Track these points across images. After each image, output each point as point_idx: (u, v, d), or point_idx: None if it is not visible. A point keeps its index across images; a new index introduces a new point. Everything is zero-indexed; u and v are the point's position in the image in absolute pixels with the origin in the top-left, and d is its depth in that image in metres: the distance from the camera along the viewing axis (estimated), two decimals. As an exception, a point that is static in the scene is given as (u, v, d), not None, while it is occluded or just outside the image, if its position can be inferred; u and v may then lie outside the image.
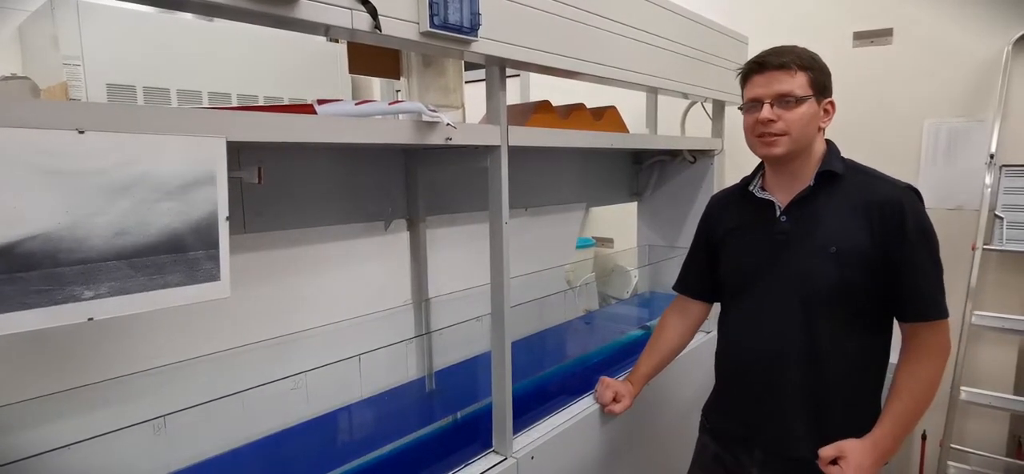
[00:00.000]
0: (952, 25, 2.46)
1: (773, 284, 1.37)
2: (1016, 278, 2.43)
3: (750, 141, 1.37)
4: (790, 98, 1.29)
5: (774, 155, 1.32)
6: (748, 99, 1.35)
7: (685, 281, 1.65)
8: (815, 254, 1.31)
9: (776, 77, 1.30)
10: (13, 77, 1.37)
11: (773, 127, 1.30)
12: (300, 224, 1.45)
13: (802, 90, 1.29)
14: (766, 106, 1.30)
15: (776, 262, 1.36)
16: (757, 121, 1.31)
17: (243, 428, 1.35)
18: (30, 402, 1.07)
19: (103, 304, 0.76)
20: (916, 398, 1.28)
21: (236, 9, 0.85)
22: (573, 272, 2.62)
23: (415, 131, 1.13)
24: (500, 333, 1.38)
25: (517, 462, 1.41)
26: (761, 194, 1.42)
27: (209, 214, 0.85)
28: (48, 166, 0.70)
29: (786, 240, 1.35)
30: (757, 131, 1.33)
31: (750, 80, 1.34)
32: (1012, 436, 2.54)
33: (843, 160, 1.36)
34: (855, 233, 1.29)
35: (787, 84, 1.29)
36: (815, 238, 1.32)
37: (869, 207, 1.29)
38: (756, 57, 1.35)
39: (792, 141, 1.30)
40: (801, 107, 1.29)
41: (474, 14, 1.12)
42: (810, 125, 1.31)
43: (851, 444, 1.26)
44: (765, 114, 1.29)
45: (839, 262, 1.28)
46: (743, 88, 1.38)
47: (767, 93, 1.30)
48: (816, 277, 1.30)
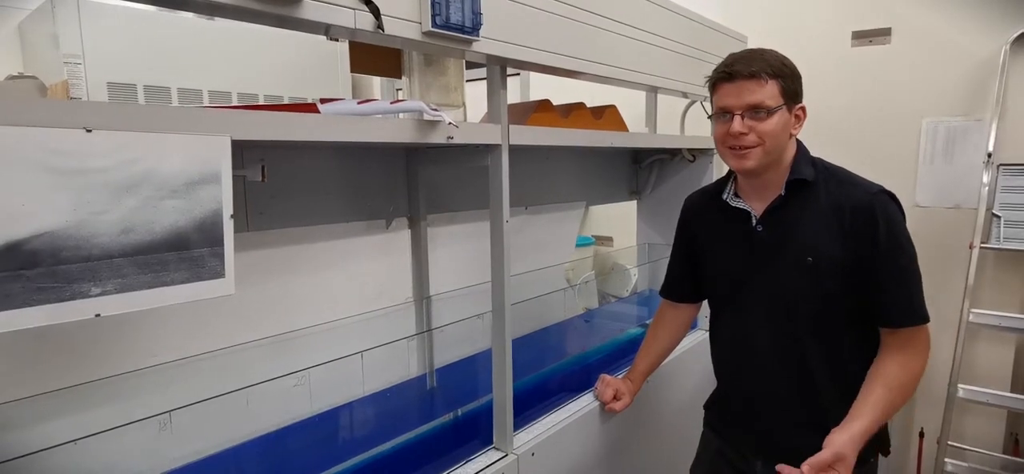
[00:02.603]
0: (950, 25, 2.47)
1: (755, 295, 1.36)
2: (1013, 276, 2.45)
3: (721, 152, 1.34)
4: (762, 110, 1.24)
5: (746, 168, 1.29)
6: (718, 108, 1.30)
7: (670, 287, 1.65)
8: (793, 266, 1.30)
9: (746, 87, 1.24)
10: (20, 76, 1.37)
11: (745, 140, 1.26)
12: (302, 222, 1.45)
13: (774, 100, 1.24)
14: (737, 118, 1.25)
15: (756, 274, 1.35)
16: (728, 133, 1.27)
17: (246, 424, 1.36)
18: (35, 398, 1.08)
19: (110, 301, 0.77)
20: (892, 389, 1.25)
21: (239, 8, 0.86)
22: (573, 270, 2.63)
23: (417, 130, 1.14)
24: (501, 330, 1.39)
25: (518, 458, 1.42)
26: (735, 202, 1.40)
27: (214, 212, 0.85)
28: (55, 165, 0.70)
29: (764, 251, 1.34)
30: (729, 143, 1.29)
31: (719, 89, 1.29)
32: (1009, 433, 2.55)
33: (814, 164, 1.34)
34: (828, 242, 1.27)
35: (758, 94, 1.24)
36: (791, 249, 1.30)
37: (841, 213, 1.26)
38: (725, 65, 1.29)
39: (764, 153, 1.27)
40: (773, 118, 1.25)
41: (475, 14, 1.13)
42: (782, 135, 1.27)
43: (843, 442, 1.21)
44: (737, 127, 1.25)
45: (817, 272, 1.27)
46: (712, 96, 1.33)
47: (738, 104, 1.25)
48: (795, 289, 1.30)
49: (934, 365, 2.58)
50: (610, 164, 2.46)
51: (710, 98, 1.34)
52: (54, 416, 1.10)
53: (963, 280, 2.39)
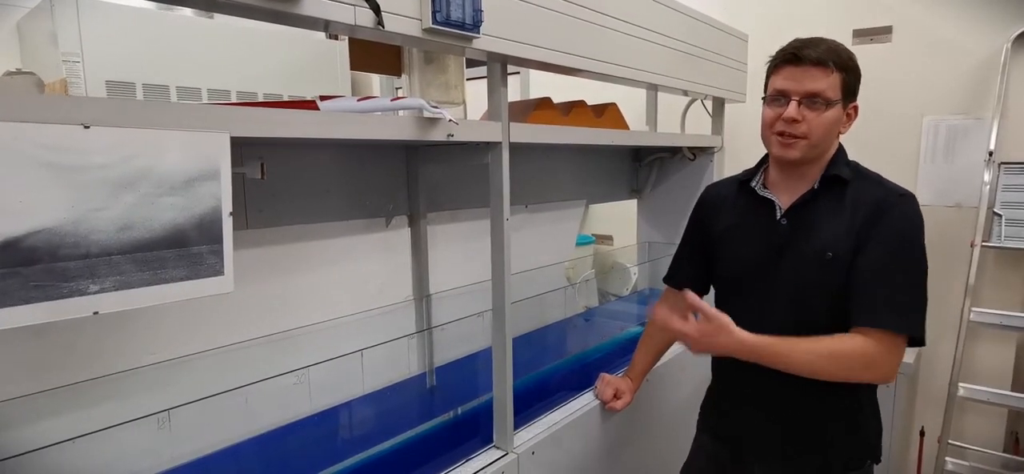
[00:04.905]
0: (951, 23, 2.47)
1: (768, 287, 1.33)
2: (1014, 275, 2.44)
3: (766, 136, 1.29)
4: (820, 100, 1.19)
5: (789, 158, 1.25)
6: (774, 91, 1.24)
7: (675, 276, 1.59)
8: (812, 260, 1.26)
9: (810, 74, 1.19)
10: (18, 72, 1.37)
11: (796, 128, 1.21)
12: (301, 220, 1.45)
13: (834, 93, 1.19)
14: (793, 104, 1.20)
15: (772, 265, 1.32)
16: (780, 118, 1.22)
17: (246, 423, 1.35)
18: (33, 397, 1.08)
19: (108, 298, 0.77)
20: (796, 344, 1.19)
21: (239, 5, 0.85)
22: (573, 269, 2.63)
23: (418, 127, 1.13)
24: (501, 329, 1.39)
25: (518, 457, 1.42)
26: (763, 192, 1.36)
27: (213, 209, 0.85)
28: (53, 161, 0.70)
29: (784, 243, 1.31)
30: (777, 128, 1.24)
31: (781, 70, 1.23)
32: (1010, 432, 2.55)
33: (850, 165, 1.31)
34: (846, 238, 1.24)
35: (820, 83, 1.19)
36: (813, 244, 1.27)
37: (861, 209, 1.24)
38: (791, 46, 1.22)
39: (810, 146, 1.23)
40: (829, 111, 1.20)
41: (476, 11, 1.13)
42: (832, 131, 1.23)
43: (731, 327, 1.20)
44: (791, 113, 1.20)
45: (834, 268, 1.24)
46: (769, 77, 1.27)
47: (797, 89, 1.20)
48: (811, 284, 1.27)
49: (935, 364, 2.59)
50: (610, 162, 2.45)
51: (766, 79, 1.29)
52: (52, 414, 1.10)
53: (964, 279, 2.39)
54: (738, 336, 1.21)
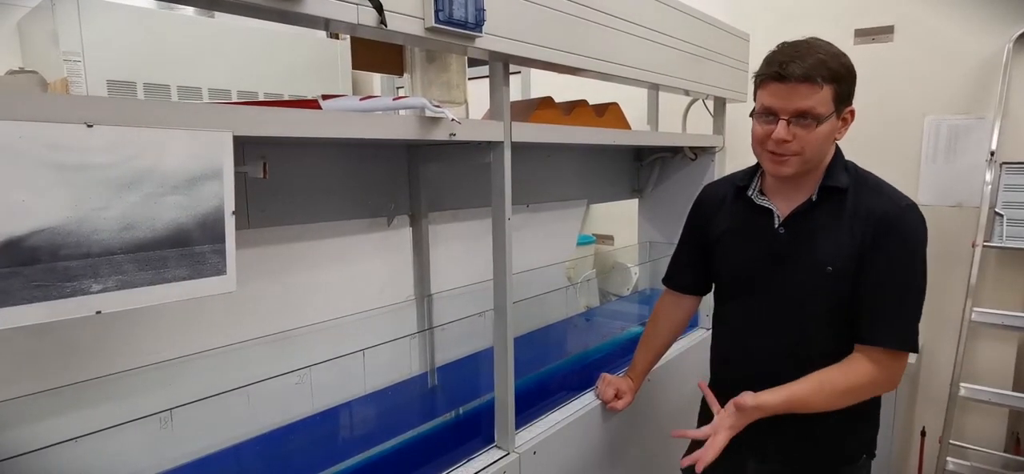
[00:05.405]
0: (953, 22, 2.47)
1: (767, 297, 1.32)
2: (1016, 275, 2.44)
3: (758, 153, 1.26)
4: (810, 117, 1.15)
5: (783, 174, 1.23)
6: (762, 107, 1.20)
7: (674, 277, 1.59)
8: (812, 272, 1.25)
9: (798, 91, 1.13)
10: (21, 71, 1.37)
11: (786, 148, 1.18)
12: (303, 220, 1.45)
13: (825, 107, 1.15)
14: (781, 124, 1.16)
15: (771, 276, 1.31)
16: (769, 136, 1.18)
17: (247, 423, 1.35)
18: (35, 396, 1.07)
19: (111, 298, 0.76)
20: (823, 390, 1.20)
21: (241, 4, 0.85)
22: (574, 269, 2.63)
23: (420, 127, 1.13)
24: (503, 329, 1.39)
25: (519, 457, 1.42)
26: (760, 200, 1.35)
27: (215, 209, 0.85)
28: (56, 160, 0.70)
29: (783, 253, 1.29)
30: (768, 146, 1.20)
31: (766, 86, 1.18)
32: (1011, 432, 2.55)
33: (848, 170, 1.28)
34: (849, 249, 1.22)
35: (809, 100, 1.14)
36: (812, 255, 1.25)
37: (863, 221, 1.21)
38: (777, 60, 1.16)
39: (804, 162, 1.20)
40: (821, 127, 1.16)
41: (479, 10, 1.12)
42: (826, 144, 1.20)
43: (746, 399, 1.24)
44: (780, 133, 1.16)
45: (835, 280, 1.23)
46: (757, 91, 1.23)
47: (785, 108, 1.15)
48: (811, 297, 1.26)
49: (936, 364, 2.59)
50: (612, 162, 2.45)
51: (754, 91, 1.25)
52: (53, 414, 1.10)
53: (965, 279, 2.39)
54: (756, 403, 1.23)
